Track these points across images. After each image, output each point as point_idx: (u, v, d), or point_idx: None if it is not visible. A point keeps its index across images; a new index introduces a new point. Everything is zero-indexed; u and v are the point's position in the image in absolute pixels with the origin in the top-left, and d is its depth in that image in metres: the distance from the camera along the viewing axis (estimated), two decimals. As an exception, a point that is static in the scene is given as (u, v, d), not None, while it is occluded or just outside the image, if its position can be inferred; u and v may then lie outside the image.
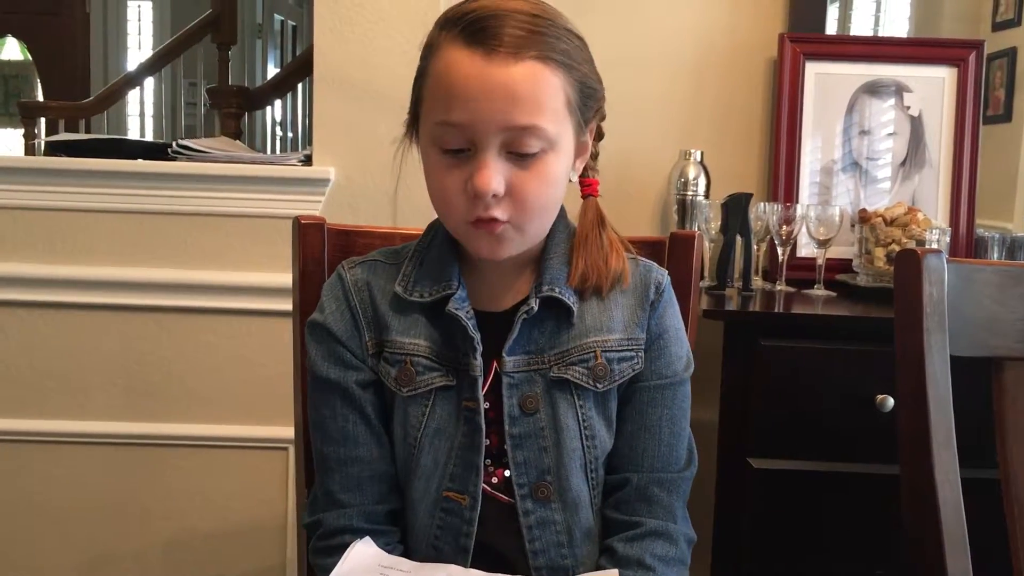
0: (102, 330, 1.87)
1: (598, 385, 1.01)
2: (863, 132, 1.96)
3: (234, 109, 3.97)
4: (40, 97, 6.71)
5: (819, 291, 1.77)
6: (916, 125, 1.95)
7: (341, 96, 1.82)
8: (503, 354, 1.00)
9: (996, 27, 2.06)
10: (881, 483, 1.40)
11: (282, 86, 4.48)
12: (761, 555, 1.56)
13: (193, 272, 1.85)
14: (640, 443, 1.03)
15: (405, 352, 1.01)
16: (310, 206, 1.81)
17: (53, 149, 1.99)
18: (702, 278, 1.74)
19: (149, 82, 5.00)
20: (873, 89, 1.95)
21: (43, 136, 4.43)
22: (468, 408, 1.00)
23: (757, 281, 1.82)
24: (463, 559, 1.00)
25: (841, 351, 1.53)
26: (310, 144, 1.88)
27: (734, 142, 2.02)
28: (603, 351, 1.01)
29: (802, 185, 1.94)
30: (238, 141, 2.79)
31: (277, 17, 6.07)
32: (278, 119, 5.34)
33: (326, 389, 1.03)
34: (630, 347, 1.03)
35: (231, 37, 4.47)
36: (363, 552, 0.98)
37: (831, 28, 2.06)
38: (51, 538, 1.91)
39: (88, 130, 4.54)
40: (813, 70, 1.94)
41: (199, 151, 1.88)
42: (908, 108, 1.95)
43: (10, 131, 7.06)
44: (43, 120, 4.57)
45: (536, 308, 1.00)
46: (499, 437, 1.01)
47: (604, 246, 1.03)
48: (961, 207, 1.93)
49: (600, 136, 1.06)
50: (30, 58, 6.97)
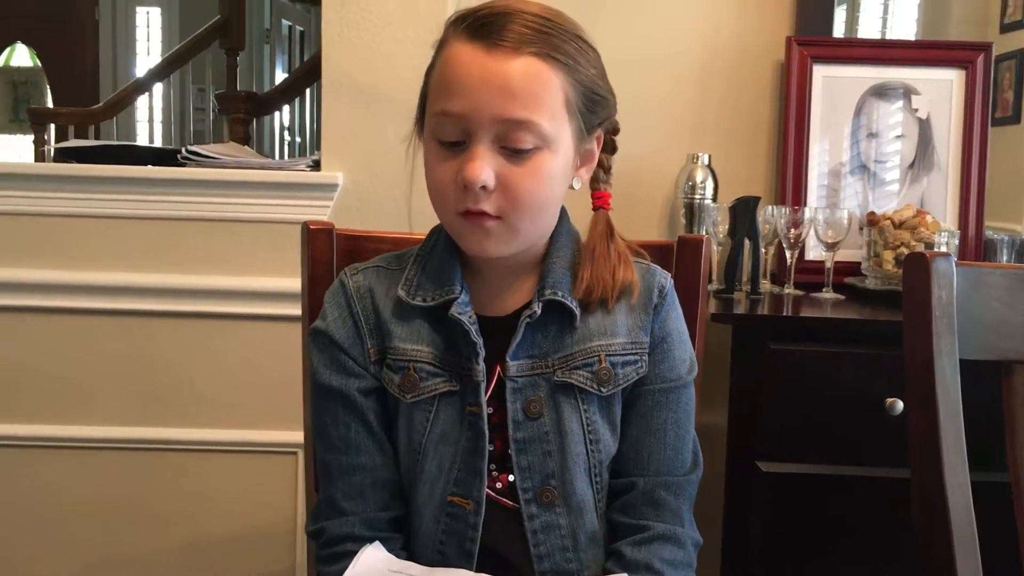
0: (112, 335, 1.88)
1: (602, 389, 1.01)
2: (871, 135, 1.95)
3: (243, 114, 3.99)
4: (49, 103, 6.74)
5: (827, 294, 1.76)
6: (924, 127, 1.94)
7: (349, 101, 1.82)
8: (506, 358, 1.00)
9: (1004, 29, 2.05)
10: (890, 486, 1.39)
11: (290, 91, 4.50)
12: (770, 558, 1.56)
13: (202, 277, 1.85)
14: (645, 447, 1.03)
15: (408, 358, 1.01)
16: (318, 211, 1.82)
17: (63, 156, 2.00)
18: (710, 282, 1.74)
19: (158, 88, 5.03)
20: (881, 92, 1.95)
21: (53, 142, 4.45)
22: (472, 413, 1.00)
23: (765, 284, 1.82)
24: (468, 564, 1.00)
25: (850, 354, 1.53)
26: (318, 149, 1.89)
27: (742, 145, 2.02)
28: (607, 355, 1.01)
29: (810, 188, 1.94)
30: (247, 147, 2.80)
31: (285, 22, 6.09)
32: (286, 124, 5.36)
33: (328, 397, 1.03)
34: (634, 351, 1.03)
35: (239, 42, 4.49)
36: (373, 557, 0.98)
37: (838, 31, 2.06)
38: (61, 542, 1.92)
39: (97, 136, 4.56)
40: (821, 73, 1.94)
41: (208, 157, 1.88)
42: (916, 111, 1.94)
43: (20, 137, 7.09)
44: (52, 126, 4.59)
45: (539, 312, 1.00)
46: (503, 442, 1.01)
47: (611, 259, 1.02)
48: (970, 209, 1.93)
49: (613, 149, 1.06)
50: (39, 64, 7.02)
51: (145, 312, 1.86)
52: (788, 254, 1.80)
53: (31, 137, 4.69)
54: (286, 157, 5.23)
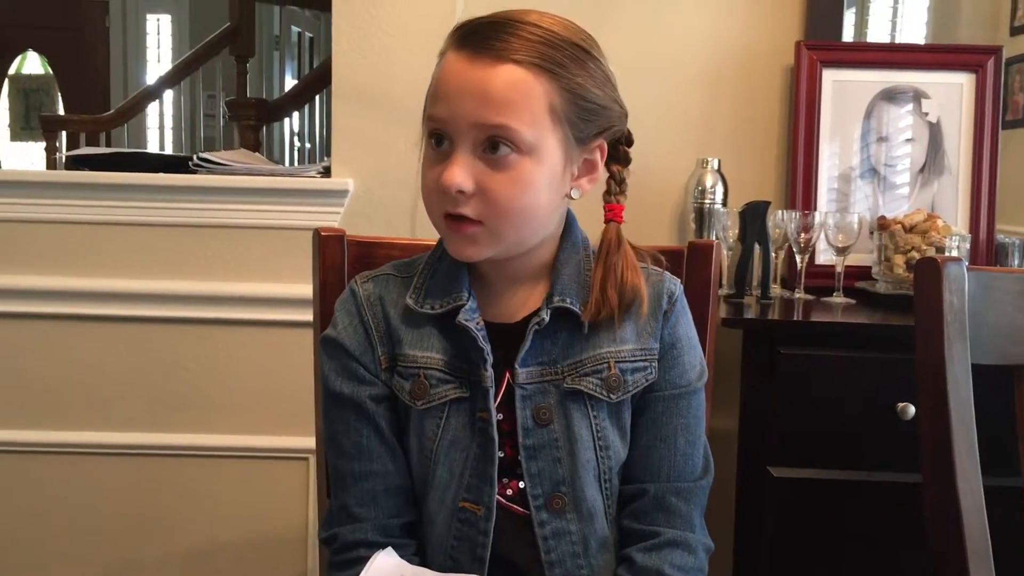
0: (122, 341, 1.89)
1: (612, 396, 1.01)
2: (881, 139, 1.95)
3: (253, 121, 4.01)
4: (61, 111, 6.78)
5: (838, 299, 1.76)
6: (934, 131, 1.94)
7: (359, 108, 1.83)
8: (515, 366, 1.00)
9: (1014, 31, 2.05)
10: (902, 492, 1.39)
11: (300, 98, 4.52)
12: (781, 564, 1.55)
13: (214, 283, 1.86)
14: (656, 453, 1.03)
15: (418, 365, 1.01)
16: (329, 217, 1.83)
17: (75, 163, 2.02)
18: (720, 286, 1.74)
19: (168, 95, 5.05)
20: (891, 96, 1.94)
21: (64, 150, 4.48)
22: (481, 419, 1.00)
23: (775, 289, 1.82)
24: (479, 570, 1.01)
25: (861, 359, 1.52)
26: (328, 155, 1.90)
27: (751, 150, 2.02)
28: (616, 362, 1.01)
29: (820, 192, 1.94)
30: (257, 153, 2.81)
31: (294, 29, 6.11)
32: (296, 130, 5.38)
33: (340, 404, 1.03)
34: (643, 357, 1.02)
35: (249, 49, 4.51)
36: (386, 562, 0.98)
37: (848, 35, 2.06)
38: (73, 548, 1.92)
39: (108, 143, 4.58)
40: (830, 77, 1.93)
41: (219, 164, 1.89)
42: (926, 114, 1.94)
43: (32, 144, 7.13)
44: (64, 133, 4.62)
45: (547, 319, 0.99)
46: (513, 448, 1.01)
47: (618, 275, 1.01)
48: (981, 213, 1.92)
49: (627, 161, 1.05)
50: (51, 72, 7.06)
51: (156, 318, 1.87)
52: (798, 258, 1.79)
53: (43, 144, 4.71)
54: (296, 163, 5.25)
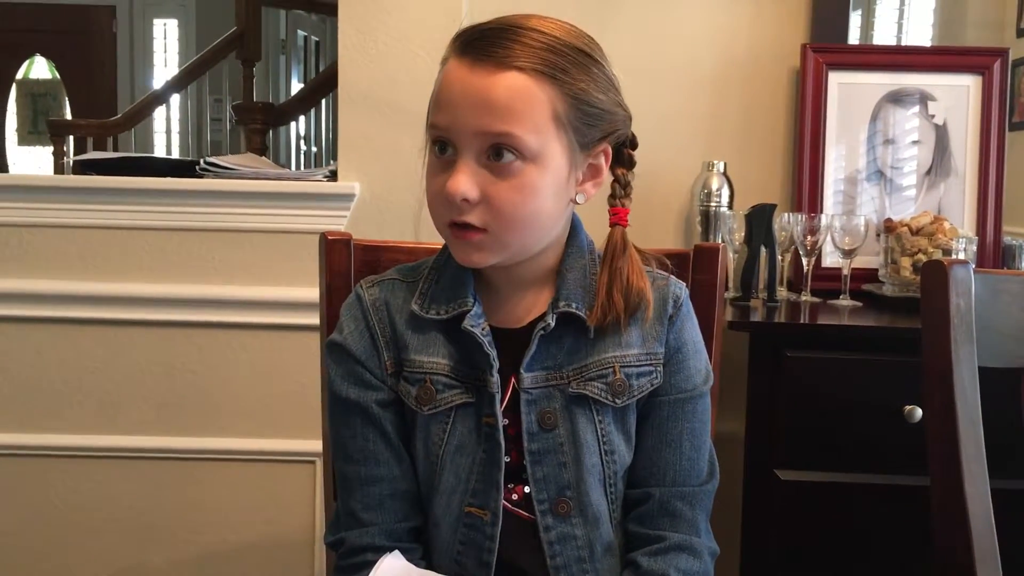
0: (131, 345, 1.89)
1: (617, 400, 1.01)
2: (887, 141, 1.95)
3: (259, 125, 4.02)
4: (68, 115, 6.81)
5: (845, 301, 1.76)
6: (941, 133, 1.94)
7: (365, 112, 1.83)
8: (521, 370, 1.00)
9: (1021, 33, 2.04)
10: (910, 494, 1.39)
11: (306, 102, 4.53)
12: (788, 567, 1.55)
13: (221, 287, 1.86)
14: (661, 457, 1.03)
15: (424, 371, 1.01)
16: (335, 221, 1.83)
17: (83, 167, 2.02)
18: (726, 289, 1.74)
19: (175, 99, 5.06)
20: (897, 98, 1.94)
21: (72, 154, 4.49)
22: (487, 424, 1.00)
23: (782, 292, 1.82)
24: (485, 574, 1.01)
25: (868, 361, 1.52)
26: (334, 158, 1.90)
27: (757, 153, 2.02)
28: (621, 366, 1.01)
29: (826, 195, 1.94)
30: (264, 157, 2.82)
31: (300, 33, 6.11)
32: (302, 134, 5.39)
33: (346, 409, 1.03)
34: (648, 362, 1.02)
35: (255, 53, 4.52)
36: (392, 566, 0.99)
37: (853, 37, 2.06)
38: (81, 551, 1.93)
39: (115, 147, 4.60)
40: (836, 80, 1.93)
41: (226, 168, 1.90)
42: (932, 116, 1.94)
43: (39, 149, 7.16)
44: (71, 138, 4.63)
45: (553, 324, 0.99)
46: (519, 453, 1.01)
47: (624, 278, 1.01)
48: (988, 215, 1.92)
49: (631, 164, 1.05)
50: (58, 76, 7.09)
51: (164, 322, 1.88)
52: (805, 261, 1.79)
53: (50, 149, 4.73)
54: (302, 167, 5.26)
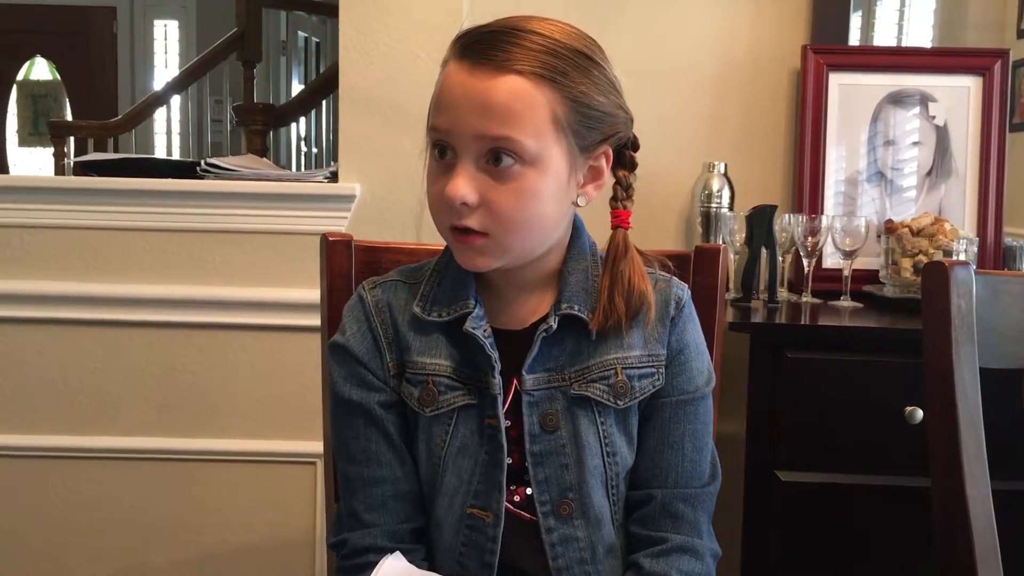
0: (131, 346, 1.89)
1: (619, 402, 1.01)
2: (888, 142, 1.95)
3: (260, 126, 4.02)
4: (69, 116, 6.81)
5: (845, 302, 1.76)
6: (942, 135, 1.94)
7: (366, 113, 1.83)
8: (523, 372, 1.00)
9: (1021, 34, 2.05)
10: (911, 495, 1.39)
11: (307, 103, 4.53)
12: (789, 568, 1.55)
13: (222, 288, 1.86)
14: (663, 459, 1.03)
15: (427, 372, 1.01)
16: (336, 222, 1.83)
17: (83, 168, 2.02)
18: (727, 290, 1.74)
19: (176, 100, 5.06)
20: (897, 99, 1.94)
21: (72, 155, 4.49)
22: (490, 426, 1.00)
23: (783, 293, 1.82)
24: None
25: (868, 362, 1.52)
26: (335, 159, 1.90)
27: (758, 154, 2.02)
28: (623, 368, 1.01)
29: (827, 196, 1.94)
30: (264, 158, 2.82)
31: (301, 34, 6.11)
32: (303, 135, 5.39)
33: (349, 410, 1.03)
34: (650, 363, 1.02)
35: (256, 55, 4.52)
36: (394, 567, 0.98)
37: (854, 39, 2.06)
38: (81, 551, 1.93)
39: (116, 148, 4.60)
40: (837, 81, 1.93)
41: (227, 169, 1.90)
42: (933, 118, 1.94)
43: (40, 150, 7.16)
44: (72, 139, 4.63)
45: (555, 326, 0.99)
46: (521, 455, 1.01)
47: (626, 280, 1.00)
48: (988, 216, 1.92)
49: (633, 166, 1.04)
50: (59, 78, 7.09)
51: (164, 323, 1.88)
52: (805, 262, 1.79)
53: (51, 150, 4.73)
54: (303, 168, 5.26)
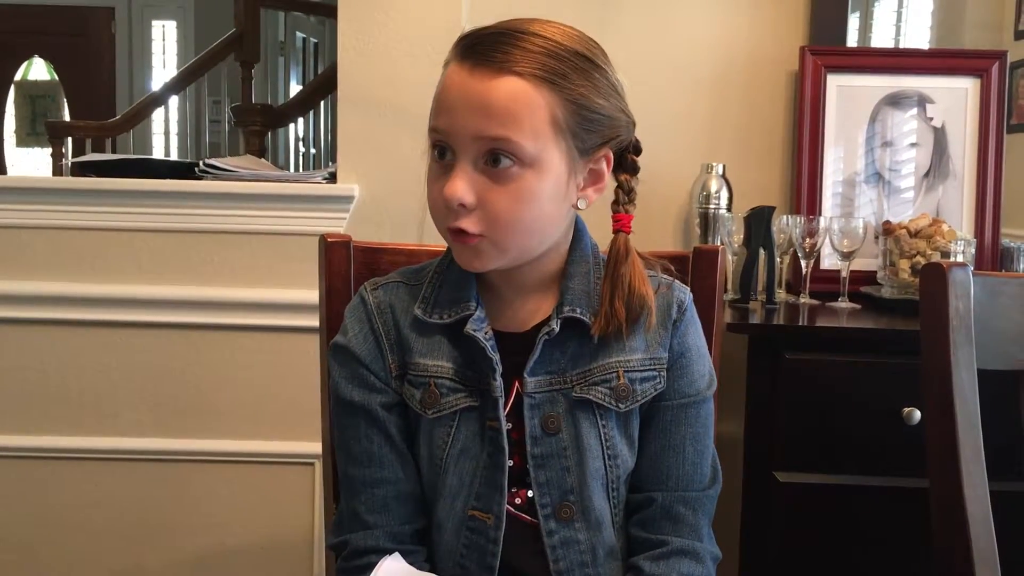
0: (129, 347, 1.89)
1: (620, 405, 1.01)
2: (886, 143, 1.95)
3: (258, 127, 4.02)
4: (67, 117, 6.81)
5: (843, 303, 1.76)
6: (939, 136, 1.94)
7: (364, 114, 1.83)
8: (524, 375, 1.00)
9: (1019, 36, 2.05)
10: (909, 496, 1.39)
11: (305, 103, 4.52)
12: (788, 569, 1.55)
13: (220, 289, 1.86)
14: (664, 462, 1.03)
15: (429, 374, 1.01)
16: (335, 223, 1.83)
17: (81, 169, 2.02)
18: (725, 291, 1.74)
19: (174, 101, 5.06)
20: (895, 101, 1.95)
21: (70, 156, 4.49)
22: (491, 428, 1.00)
23: (781, 294, 1.82)
24: None
25: (866, 363, 1.52)
26: (333, 160, 1.90)
27: (756, 155, 2.02)
28: (625, 371, 1.01)
29: (825, 197, 1.94)
30: (263, 159, 2.82)
31: (299, 35, 6.11)
32: (301, 136, 5.39)
33: (350, 411, 1.03)
34: (652, 367, 1.02)
35: (254, 55, 4.52)
36: (392, 568, 0.98)
37: (852, 40, 2.06)
38: (80, 553, 1.93)
39: (114, 149, 4.59)
40: (835, 82, 1.94)
41: (225, 170, 1.90)
42: (931, 119, 1.94)
43: (38, 151, 7.16)
44: (70, 139, 4.63)
45: (557, 329, 0.99)
46: (522, 458, 1.01)
47: (626, 285, 1.00)
48: (986, 217, 1.92)
49: (635, 170, 1.03)
50: (56, 78, 7.09)
51: (163, 324, 1.88)
52: (803, 263, 1.79)
53: (49, 151, 4.73)
54: (301, 169, 5.25)
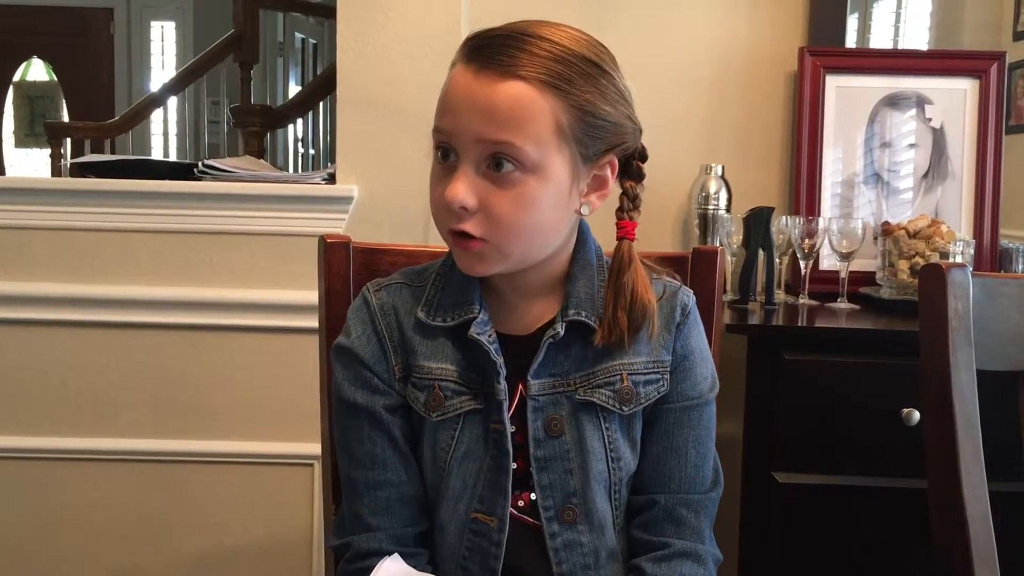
0: (128, 348, 1.89)
1: (624, 408, 1.01)
2: (884, 144, 1.95)
3: (257, 127, 4.02)
4: (65, 117, 6.81)
5: (842, 304, 1.76)
6: (938, 137, 1.94)
7: (364, 114, 1.83)
8: (528, 378, 1.00)
9: (1017, 36, 2.05)
10: (908, 497, 1.39)
11: (304, 104, 4.53)
12: (787, 570, 1.55)
13: (219, 290, 1.86)
14: (667, 464, 1.03)
15: (433, 377, 1.01)
16: (334, 223, 1.83)
17: (80, 170, 2.02)
18: (724, 292, 1.74)
19: (173, 101, 5.06)
20: (894, 101, 1.95)
21: (69, 156, 4.49)
22: (495, 431, 0.99)
23: (780, 295, 1.82)
24: None
25: (865, 364, 1.52)
26: (332, 161, 1.90)
27: (755, 156, 2.03)
28: (629, 374, 1.01)
29: (824, 198, 1.94)
30: (262, 160, 2.82)
31: (298, 35, 6.11)
32: (300, 136, 5.39)
33: (353, 413, 1.03)
34: (656, 370, 1.02)
35: (253, 56, 4.52)
36: (392, 569, 0.98)
37: (851, 41, 2.06)
38: (79, 554, 1.93)
39: (113, 150, 4.60)
40: (834, 83, 1.94)
41: (224, 170, 1.90)
42: (930, 120, 1.94)
43: (37, 151, 7.16)
44: (69, 140, 4.63)
45: (562, 333, 0.99)
46: (525, 460, 1.01)
47: (629, 293, 1.00)
48: (985, 218, 1.92)
49: (640, 177, 1.02)
50: (55, 79, 7.09)
51: (162, 325, 1.88)
52: (802, 264, 1.79)
53: (48, 151, 4.73)
54: (300, 170, 5.25)
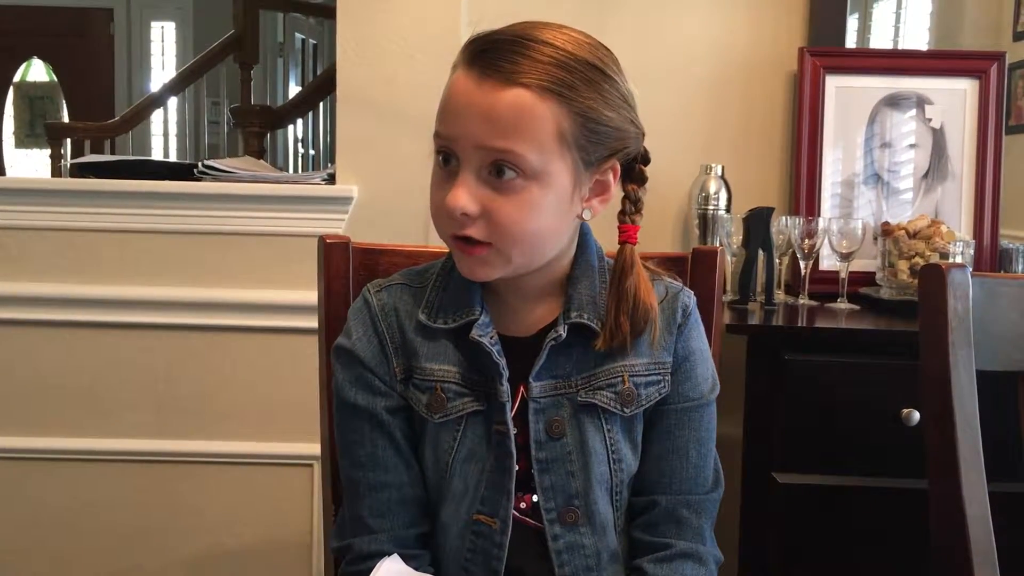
0: (128, 348, 1.89)
1: (625, 410, 1.01)
2: (884, 144, 1.95)
3: (257, 128, 4.02)
4: (66, 118, 6.81)
5: (842, 304, 1.76)
6: (938, 137, 1.94)
7: (363, 115, 1.83)
8: (530, 379, 1.00)
9: (1017, 37, 2.05)
10: (908, 497, 1.39)
11: (304, 105, 4.53)
12: (787, 570, 1.55)
13: (219, 290, 1.86)
14: (668, 465, 1.03)
15: (435, 378, 1.00)
16: (333, 224, 1.83)
17: (80, 170, 2.02)
18: (724, 292, 1.74)
19: (173, 102, 5.06)
20: (894, 102, 1.95)
21: (69, 157, 4.49)
22: (498, 432, 0.99)
23: (780, 295, 1.82)
24: None
25: (865, 364, 1.52)
26: (332, 161, 1.90)
27: (755, 156, 2.02)
28: (630, 376, 1.01)
29: (824, 198, 1.94)
30: (262, 160, 2.82)
31: (298, 36, 6.10)
32: (300, 137, 5.39)
33: (354, 415, 1.02)
34: (657, 371, 1.02)
35: (253, 56, 4.52)
36: (392, 569, 0.98)
37: (851, 41, 2.06)
38: (77, 555, 1.93)
39: (113, 150, 4.59)
40: (833, 83, 1.94)
41: (224, 171, 1.90)
42: (929, 120, 1.94)
43: (37, 152, 7.16)
44: (69, 141, 4.63)
45: (564, 335, 0.99)
46: (527, 462, 1.01)
47: (631, 298, 0.99)
48: (985, 218, 1.92)
49: (642, 180, 1.02)
50: (55, 79, 7.09)
51: (162, 325, 1.88)
52: (802, 264, 1.79)
53: (48, 152, 4.73)
54: (300, 170, 5.25)
